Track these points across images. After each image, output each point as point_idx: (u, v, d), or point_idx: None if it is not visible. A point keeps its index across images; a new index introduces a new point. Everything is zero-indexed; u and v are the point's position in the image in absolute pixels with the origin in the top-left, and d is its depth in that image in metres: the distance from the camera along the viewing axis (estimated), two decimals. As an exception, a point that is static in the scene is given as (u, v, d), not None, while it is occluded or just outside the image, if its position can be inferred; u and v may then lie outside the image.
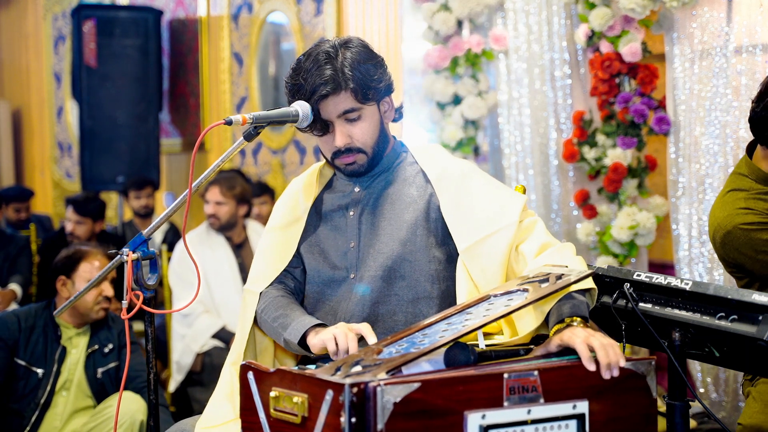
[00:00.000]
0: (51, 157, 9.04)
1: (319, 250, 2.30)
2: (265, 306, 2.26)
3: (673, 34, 3.72)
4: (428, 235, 2.23)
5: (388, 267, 2.21)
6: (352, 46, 2.21)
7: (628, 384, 1.85)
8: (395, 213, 2.25)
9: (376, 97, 2.22)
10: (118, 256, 2.14)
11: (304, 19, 5.92)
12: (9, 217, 6.90)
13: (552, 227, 4.30)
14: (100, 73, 6.82)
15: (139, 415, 3.47)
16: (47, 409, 3.57)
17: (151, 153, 6.92)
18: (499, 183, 2.31)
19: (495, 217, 2.19)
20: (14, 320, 3.62)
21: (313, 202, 2.35)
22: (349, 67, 2.17)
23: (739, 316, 1.96)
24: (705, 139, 3.62)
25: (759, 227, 2.50)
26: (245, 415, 1.86)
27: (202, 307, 4.70)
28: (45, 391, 3.57)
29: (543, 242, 2.17)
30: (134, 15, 7.04)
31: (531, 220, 2.22)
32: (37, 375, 3.57)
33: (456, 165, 2.30)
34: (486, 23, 4.56)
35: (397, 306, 2.21)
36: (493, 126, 4.67)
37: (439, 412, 1.69)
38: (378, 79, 2.21)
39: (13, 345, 3.59)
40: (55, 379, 3.60)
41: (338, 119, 2.20)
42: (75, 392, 3.63)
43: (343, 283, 2.26)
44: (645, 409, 1.88)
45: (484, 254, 2.16)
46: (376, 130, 2.24)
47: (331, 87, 2.16)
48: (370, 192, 2.30)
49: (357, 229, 2.27)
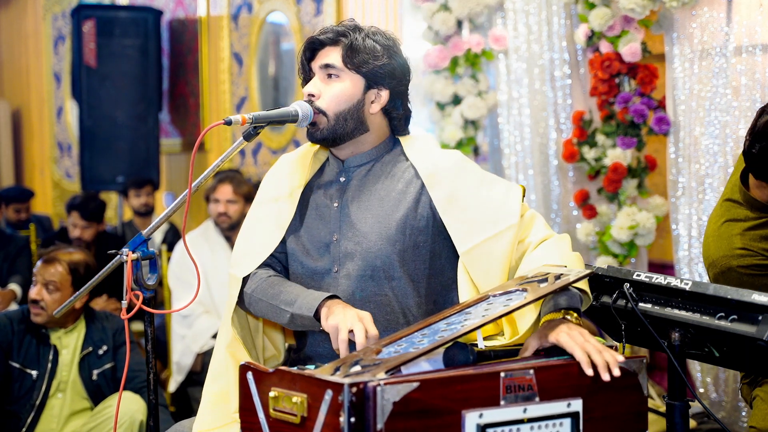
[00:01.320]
0: (51, 157, 9.05)
1: (304, 239, 2.28)
2: (257, 287, 2.23)
3: (673, 34, 3.72)
4: (417, 234, 2.21)
5: (377, 267, 2.18)
6: (373, 28, 2.24)
7: (621, 382, 1.85)
8: (384, 210, 2.22)
9: (366, 72, 2.20)
10: (117, 256, 2.14)
11: (304, 19, 5.93)
12: (9, 217, 6.90)
13: (552, 227, 4.28)
14: (100, 73, 6.82)
15: (139, 415, 3.47)
16: (42, 410, 3.57)
17: (151, 153, 6.92)
18: (493, 176, 2.28)
19: (495, 217, 2.17)
20: (6, 322, 3.62)
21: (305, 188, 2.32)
22: (354, 31, 2.20)
23: (738, 316, 1.96)
24: (705, 139, 3.62)
25: (759, 272, 2.49)
26: (244, 415, 1.86)
27: (201, 308, 4.70)
28: (40, 393, 3.56)
29: (543, 235, 2.18)
30: (134, 15, 7.04)
31: (530, 214, 2.21)
32: (32, 377, 3.57)
33: (447, 158, 2.27)
34: (486, 23, 4.56)
35: (386, 305, 2.19)
36: (493, 126, 4.67)
37: (437, 411, 1.69)
38: (376, 58, 2.19)
39: (7, 347, 3.58)
40: (50, 380, 3.59)
41: (320, 70, 2.22)
42: (71, 394, 3.63)
43: (326, 276, 2.23)
44: (637, 407, 1.90)
45: (486, 256, 2.14)
46: (347, 103, 2.21)
47: (327, 36, 2.20)
48: (355, 184, 2.27)
49: (339, 222, 2.24)
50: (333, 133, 2.22)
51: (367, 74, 2.21)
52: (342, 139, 2.24)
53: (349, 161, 2.29)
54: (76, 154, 8.33)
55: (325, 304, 2.08)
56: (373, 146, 2.29)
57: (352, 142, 2.26)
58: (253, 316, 2.35)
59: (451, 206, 2.20)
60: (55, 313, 2.58)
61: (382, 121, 2.28)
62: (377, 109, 2.25)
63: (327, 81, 2.22)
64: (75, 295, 2.34)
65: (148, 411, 2.25)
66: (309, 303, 2.10)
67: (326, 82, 2.22)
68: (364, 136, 2.26)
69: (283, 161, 2.40)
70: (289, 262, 2.31)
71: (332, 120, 2.21)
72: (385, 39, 2.24)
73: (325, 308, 2.07)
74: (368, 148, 2.29)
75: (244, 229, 2.34)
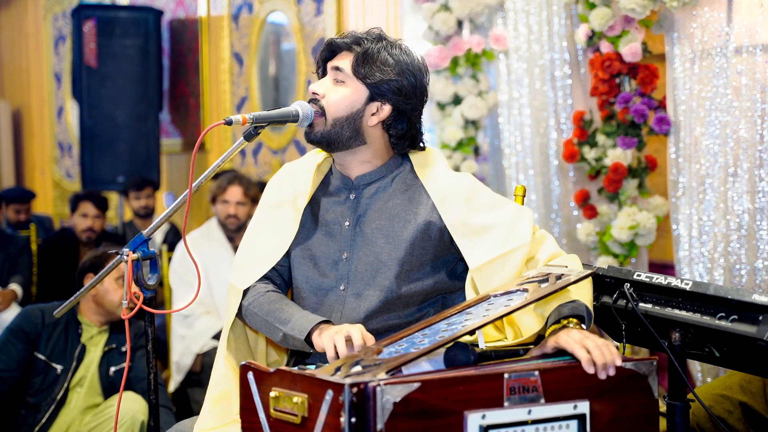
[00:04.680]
0: (51, 157, 9.04)
1: (311, 255, 2.27)
2: (254, 300, 2.23)
3: (674, 34, 3.71)
4: (425, 254, 2.20)
5: (386, 287, 2.18)
6: (398, 41, 2.24)
7: (630, 384, 1.85)
8: (394, 230, 2.21)
9: (370, 84, 2.18)
10: (118, 256, 2.14)
11: (304, 19, 5.93)
12: (9, 217, 6.90)
13: (552, 227, 4.30)
14: (101, 73, 6.82)
15: (140, 415, 3.48)
16: (62, 405, 3.60)
17: (151, 153, 6.92)
18: (503, 198, 2.28)
19: (508, 236, 2.16)
20: (38, 314, 3.66)
21: (309, 200, 2.31)
22: (373, 40, 2.20)
23: (739, 316, 1.96)
24: (705, 139, 3.62)
25: None
26: (245, 415, 1.86)
27: (202, 308, 4.70)
28: (62, 387, 3.61)
29: (553, 252, 2.17)
30: (134, 15, 7.04)
31: (540, 233, 2.22)
32: (56, 371, 3.61)
33: (459, 182, 2.26)
34: (486, 23, 4.56)
35: (392, 324, 2.18)
36: (493, 126, 4.67)
37: (439, 412, 1.69)
38: (384, 72, 2.17)
39: (36, 338, 3.62)
40: (72, 376, 3.63)
41: (331, 72, 2.23)
42: (87, 389, 3.67)
43: (331, 292, 2.23)
44: (646, 410, 1.88)
45: (497, 273, 2.14)
46: (346, 110, 2.19)
47: (345, 41, 2.20)
48: (366, 202, 2.26)
49: (351, 241, 2.24)
50: (328, 136, 2.21)
51: (371, 86, 2.19)
52: (336, 146, 2.22)
53: (358, 179, 2.27)
54: (76, 154, 8.33)
55: (318, 327, 2.08)
56: (380, 163, 2.27)
57: (351, 153, 2.25)
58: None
59: (463, 229, 2.19)
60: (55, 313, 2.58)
61: (382, 136, 2.25)
62: (375, 122, 2.22)
63: (334, 84, 2.22)
64: (76, 294, 2.33)
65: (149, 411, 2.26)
66: (302, 325, 2.10)
67: (333, 84, 2.22)
68: (362, 148, 2.24)
69: (286, 170, 2.39)
70: (292, 276, 2.31)
71: (329, 123, 2.20)
72: (403, 55, 2.21)
73: (317, 331, 2.07)
74: (374, 164, 2.27)
75: (247, 239, 2.34)
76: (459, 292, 2.25)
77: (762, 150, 3.44)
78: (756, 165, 3.46)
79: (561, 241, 4.28)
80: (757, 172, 3.46)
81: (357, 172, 2.28)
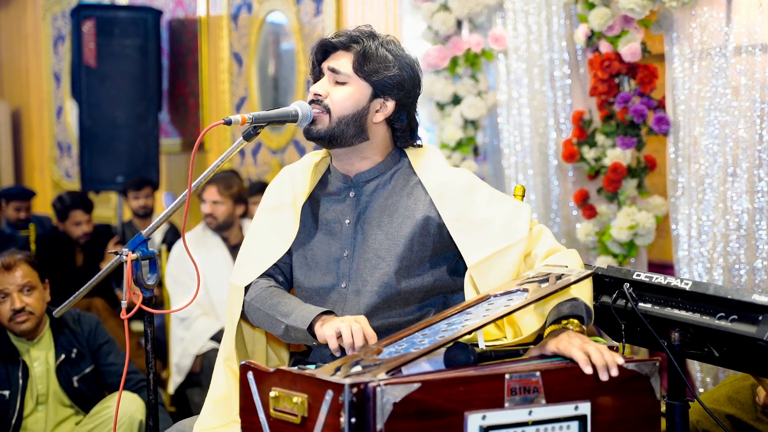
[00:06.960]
0: (50, 157, 9.04)
1: (312, 254, 2.27)
2: (256, 295, 2.23)
3: (673, 34, 3.72)
4: (424, 250, 2.21)
5: (385, 283, 2.18)
6: (389, 37, 2.25)
7: (632, 385, 1.84)
8: (393, 226, 2.22)
9: (375, 81, 2.19)
10: (117, 256, 2.14)
11: (303, 19, 5.92)
12: (9, 216, 6.90)
13: (552, 227, 4.30)
14: (100, 73, 6.82)
15: (138, 414, 3.46)
16: (19, 428, 3.46)
17: (151, 153, 6.92)
18: (501, 194, 2.28)
19: (505, 232, 2.17)
20: None
21: (307, 198, 2.32)
22: (368, 38, 2.20)
23: (738, 316, 1.96)
24: (704, 139, 3.62)
25: None
26: (245, 415, 1.86)
27: (200, 310, 4.69)
28: (15, 411, 3.46)
29: (551, 247, 2.17)
30: (134, 15, 7.04)
31: (538, 228, 2.21)
32: (4, 397, 3.46)
33: (457, 178, 2.26)
34: (485, 23, 4.56)
35: (392, 320, 2.19)
36: (493, 126, 4.67)
37: (439, 412, 1.69)
38: (387, 68, 2.19)
39: None
40: (23, 397, 3.48)
41: (329, 72, 2.22)
42: (53, 405, 3.55)
43: (332, 291, 2.23)
44: (648, 411, 1.88)
45: (494, 269, 2.14)
46: (352, 108, 2.20)
47: (340, 40, 2.20)
48: (366, 199, 2.26)
49: (352, 239, 2.24)
50: (331, 134, 2.21)
51: (375, 83, 2.20)
52: (338, 142, 2.22)
53: (357, 177, 2.28)
54: (75, 154, 8.33)
55: (321, 318, 2.08)
56: (379, 160, 2.28)
57: (352, 150, 2.25)
58: (251, 327, 2.34)
59: (461, 225, 2.19)
60: (55, 313, 2.57)
61: (385, 131, 2.27)
62: (381, 119, 2.24)
63: (334, 84, 2.22)
64: (76, 294, 2.33)
65: (147, 411, 2.25)
66: (304, 316, 2.10)
67: (333, 85, 2.22)
68: (364, 144, 2.25)
69: (284, 173, 2.40)
70: (293, 275, 2.31)
71: (334, 122, 2.20)
72: (399, 50, 2.24)
73: (319, 321, 2.07)
74: (373, 161, 2.27)
75: (247, 240, 2.35)
76: (461, 292, 2.25)
77: (761, 150, 3.44)
78: (755, 165, 3.46)
79: (560, 241, 4.28)
80: (756, 171, 3.46)
81: (356, 169, 2.28)
